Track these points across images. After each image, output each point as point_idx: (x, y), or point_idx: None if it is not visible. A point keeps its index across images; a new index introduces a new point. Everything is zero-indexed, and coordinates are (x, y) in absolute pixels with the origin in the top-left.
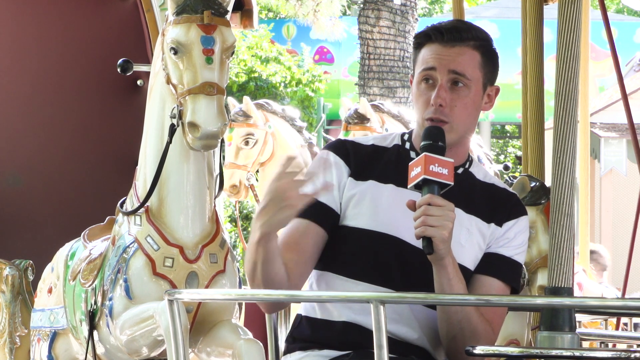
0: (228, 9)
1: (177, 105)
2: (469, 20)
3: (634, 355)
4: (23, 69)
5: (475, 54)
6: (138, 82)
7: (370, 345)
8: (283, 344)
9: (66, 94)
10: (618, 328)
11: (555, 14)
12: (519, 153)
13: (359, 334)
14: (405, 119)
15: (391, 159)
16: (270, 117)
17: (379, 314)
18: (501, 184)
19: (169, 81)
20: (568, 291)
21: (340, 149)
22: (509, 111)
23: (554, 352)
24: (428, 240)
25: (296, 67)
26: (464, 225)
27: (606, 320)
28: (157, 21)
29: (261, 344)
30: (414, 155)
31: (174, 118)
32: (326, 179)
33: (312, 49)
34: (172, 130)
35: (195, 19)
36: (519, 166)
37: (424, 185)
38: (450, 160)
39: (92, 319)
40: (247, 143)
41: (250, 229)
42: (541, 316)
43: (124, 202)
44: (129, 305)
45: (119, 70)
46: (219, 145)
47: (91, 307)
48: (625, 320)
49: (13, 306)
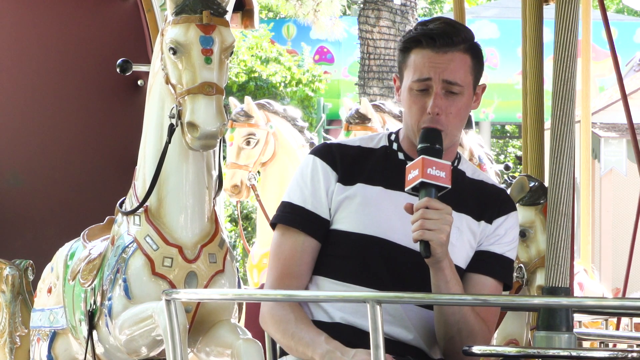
0: (227, 9)
1: (176, 105)
2: (468, 20)
3: (630, 355)
4: (23, 69)
5: (466, 58)
6: (139, 82)
7: (366, 345)
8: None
9: (66, 94)
10: (618, 328)
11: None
12: (519, 153)
13: (354, 335)
14: None
15: (379, 160)
16: (271, 117)
17: (376, 314)
18: (490, 180)
19: (168, 81)
20: (565, 291)
21: (326, 154)
22: (509, 111)
23: (551, 352)
24: (425, 244)
25: (296, 67)
26: (454, 224)
27: (607, 320)
28: (158, 21)
29: (260, 344)
30: (401, 156)
31: (173, 118)
32: (314, 187)
33: (312, 49)
34: (171, 130)
35: (194, 19)
36: (519, 166)
37: (421, 188)
38: (447, 163)
39: (92, 318)
40: (249, 143)
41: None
42: (538, 316)
43: (123, 202)
44: (128, 305)
45: (118, 70)
46: (218, 145)
47: (90, 307)
48: (626, 320)
49: (13, 306)
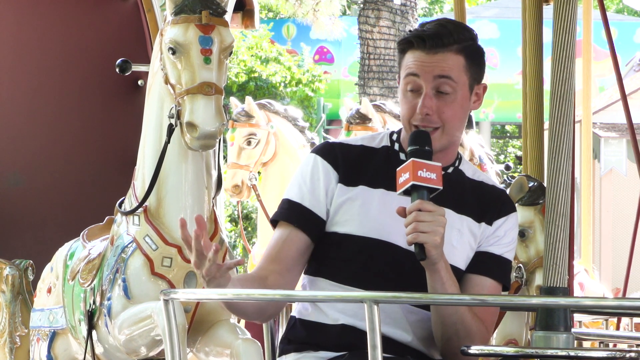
0: (226, 9)
1: (176, 105)
2: (469, 20)
3: (628, 355)
4: (24, 69)
5: (459, 58)
6: (139, 82)
7: (366, 346)
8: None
9: (67, 94)
10: (619, 328)
11: None
12: (519, 153)
13: (353, 336)
14: None
15: (381, 162)
16: (272, 117)
17: (373, 314)
18: (490, 181)
19: (167, 81)
20: (563, 291)
21: (328, 153)
22: (509, 111)
23: (549, 352)
24: (420, 247)
25: (296, 67)
26: (455, 226)
27: (607, 320)
28: (158, 21)
29: (259, 344)
30: (403, 157)
31: (172, 118)
32: (313, 185)
33: (312, 48)
34: (171, 130)
35: (194, 19)
36: (519, 166)
37: (413, 191)
38: (437, 165)
39: (91, 318)
40: (250, 143)
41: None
42: (536, 316)
43: (122, 202)
44: (128, 305)
45: (117, 70)
46: (217, 145)
47: (90, 307)
48: (626, 320)
49: (13, 306)
